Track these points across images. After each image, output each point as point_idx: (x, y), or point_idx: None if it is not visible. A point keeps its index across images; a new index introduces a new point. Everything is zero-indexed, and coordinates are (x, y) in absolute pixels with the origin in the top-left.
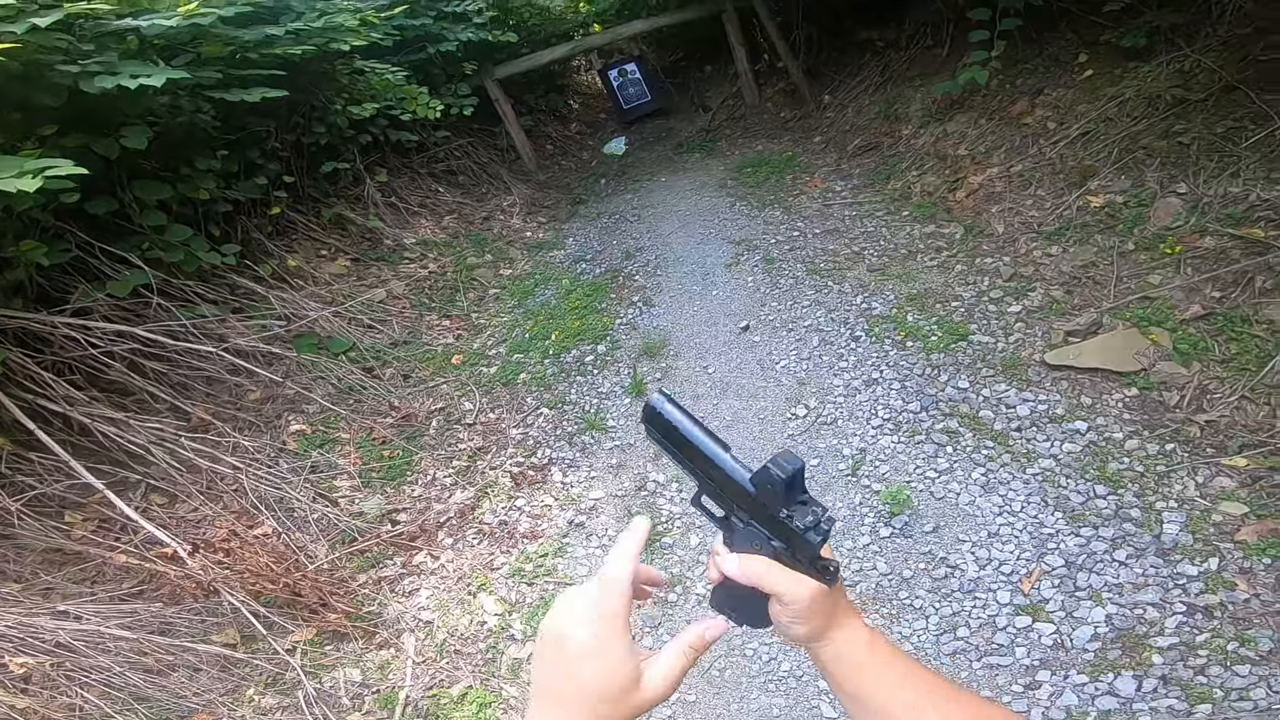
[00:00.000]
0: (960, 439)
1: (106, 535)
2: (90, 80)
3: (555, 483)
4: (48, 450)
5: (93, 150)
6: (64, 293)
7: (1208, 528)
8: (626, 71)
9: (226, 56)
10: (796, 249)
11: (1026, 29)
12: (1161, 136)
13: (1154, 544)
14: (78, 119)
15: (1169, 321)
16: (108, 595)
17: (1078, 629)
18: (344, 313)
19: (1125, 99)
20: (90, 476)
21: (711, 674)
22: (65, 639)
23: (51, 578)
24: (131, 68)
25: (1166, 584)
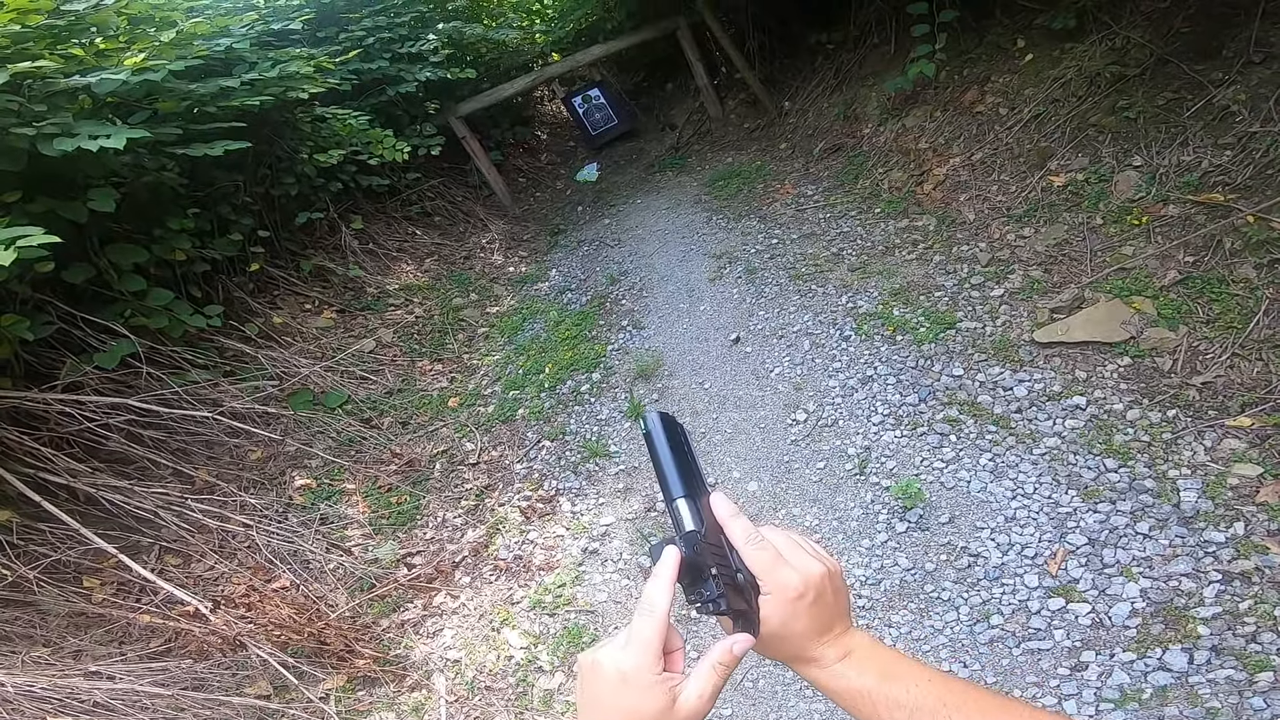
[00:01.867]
0: (962, 426)
1: (127, 597)
2: (49, 143)
3: (565, 512)
4: (57, 520)
5: (60, 215)
6: (52, 368)
7: (1225, 492)
8: (590, 97)
9: (184, 112)
10: (777, 256)
11: (965, 19)
12: (1109, 113)
13: (1174, 513)
14: (40, 183)
15: (1149, 289)
16: (136, 655)
17: (1114, 606)
18: (335, 366)
19: (1067, 79)
20: (102, 542)
21: (745, 686)
22: (102, 699)
23: (79, 640)
24: (89, 128)
25: (1196, 553)
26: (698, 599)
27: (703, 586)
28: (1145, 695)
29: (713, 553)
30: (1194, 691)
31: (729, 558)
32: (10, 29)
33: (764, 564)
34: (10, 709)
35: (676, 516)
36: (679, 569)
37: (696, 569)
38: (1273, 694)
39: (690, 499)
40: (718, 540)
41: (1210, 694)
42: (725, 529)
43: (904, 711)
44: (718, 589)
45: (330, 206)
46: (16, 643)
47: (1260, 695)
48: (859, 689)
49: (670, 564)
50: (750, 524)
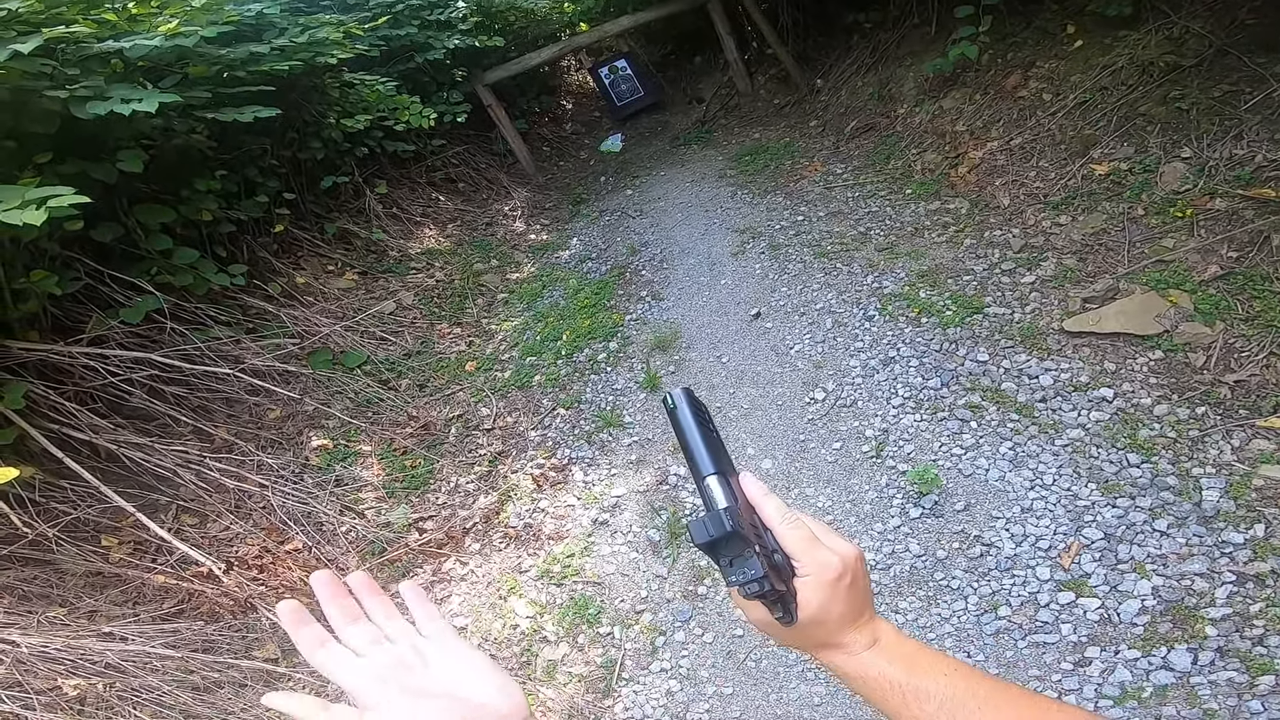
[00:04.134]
0: (984, 413)
1: (143, 557)
2: (81, 105)
3: (577, 482)
4: (78, 477)
5: (90, 176)
6: (78, 322)
7: (1249, 493)
8: (617, 68)
9: (214, 76)
10: (802, 233)
11: (1012, 2)
12: (1160, 103)
13: (1195, 512)
14: (72, 145)
15: (1187, 283)
16: (149, 616)
17: (1124, 603)
18: (355, 327)
19: (1118, 67)
20: (121, 500)
21: (747, 665)
22: (114, 660)
23: (95, 601)
24: (121, 91)
25: (1212, 553)
26: (740, 579)
27: (745, 565)
28: (1145, 694)
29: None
30: (1194, 692)
31: (764, 537)
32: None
33: (801, 544)
34: (24, 670)
35: (708, 494)
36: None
37: (737, 546)
38: (1272, 698)
39: (721, 476)
40: (751, 520)
41: (1210, 695)
42: (757, 508)
43: (934, 703)
44: (762, 568)
45: (356, 171)
46: (34, 602)
47: (1259, 699)
48: (888, 679)
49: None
50: (783, 503)
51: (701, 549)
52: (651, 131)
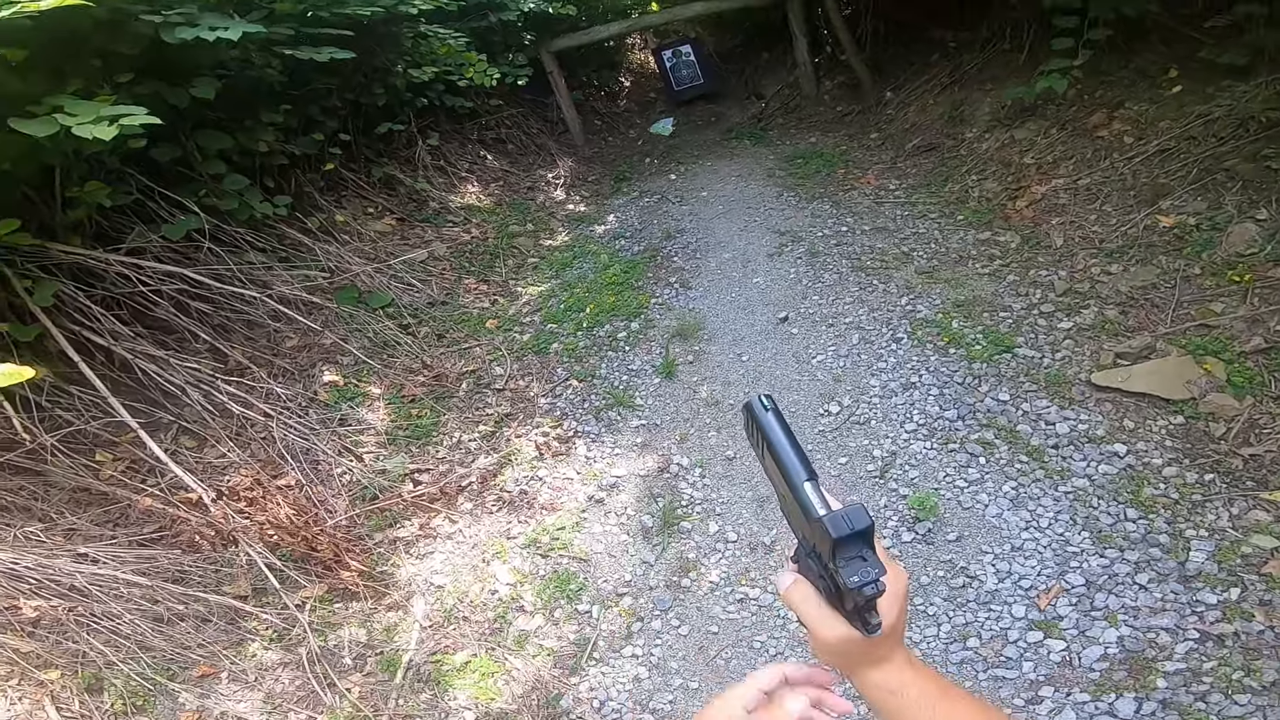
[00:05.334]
0: (995, 451)
1: (134, 476)
2: (171, 30)
3: (579, 456)
4: (87, 384)
5: (163, 99)
6: (120, 233)
7: (1235, 559)
8: (681, 53)
9: (299, 14)
10: (843, 244)
11: (1115, 39)
12: (1249, 159)
13: (1177, 570)
14: (153, 68)
15: (1226, 352)
16: (128, 539)
17: (1088, 648)
18: (385, 270)
19: (1214, 118)
20: (125, 414)
21: (717, 663)
22: (81, 583)
23: (76, 518)
24: (210, 19)
25: (1184, 610)
26: (860, 579)
27: (866, 566)
28: None
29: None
30: None
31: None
32: None
33: (884, 556)
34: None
35: (805, 500)
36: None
37: (858, 546)
38: None
39: (815, 482)
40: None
41: None
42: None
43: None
44: (882, 568)
45: (412, 120)
46: (14, 515)
47: None
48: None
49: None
50: None
51: (835, 543)
52: (704, 121)
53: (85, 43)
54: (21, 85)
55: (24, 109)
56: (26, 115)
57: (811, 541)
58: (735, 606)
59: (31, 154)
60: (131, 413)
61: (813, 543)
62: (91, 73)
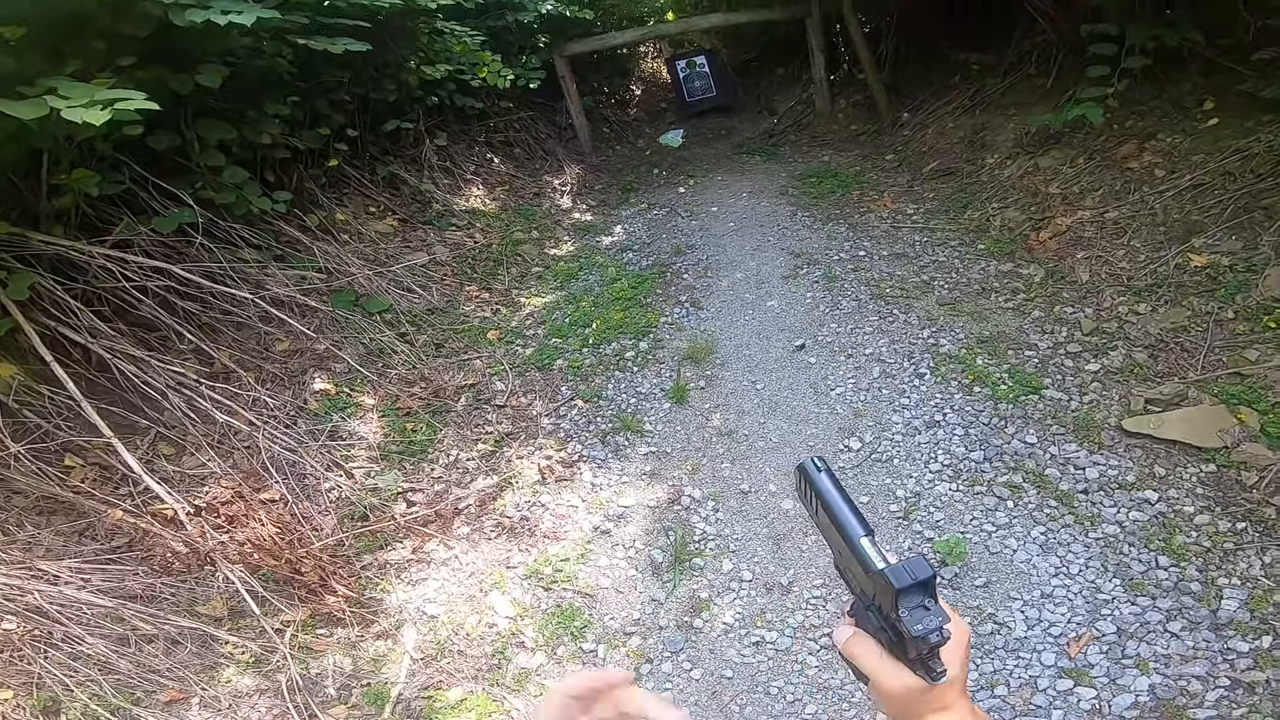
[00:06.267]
0: (1023, 495)
1: (103, 486)
2: (181, 13)
3: (584, 482)
4: (59, 385)
5: (166, 85)
6: (108, 223)
7: (1268, 607)
8: (695, 64)
9: (315, 3)
10: (861, 269)
11: (1152, 68)
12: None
13: (1209, 618)
14: (158, 52)
15: (1261, 403)
16: (94, 553)
17: (1118, 696)
18: (385, 273)
19: (1252, 153)
20: (98, 418)
21: (731, 709)
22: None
23: (38, 530)
24: (223, 3)
25: (1215, 658)
26: (924, 628)
27: (929, 614)
28: None
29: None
30: None
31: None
32: None
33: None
34: None
35: (864, 555)
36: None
37: (918, 595)
38: None
39: (871, 538)
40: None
41: None
42: None
43: None
44: (946, 615)
45: (421, 119)
46: None
47: None
48: None
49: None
50: None
51: (898, 593)
52: (715, 134)
53: (89, 22)
54: (16, 64)
55: (14, 90)
56: (16, 96)
57: (871, 595)
58: (750, 650)
59: (18, 137)
60: (106, 416)
61: (872, 596)
62: (93, 54)
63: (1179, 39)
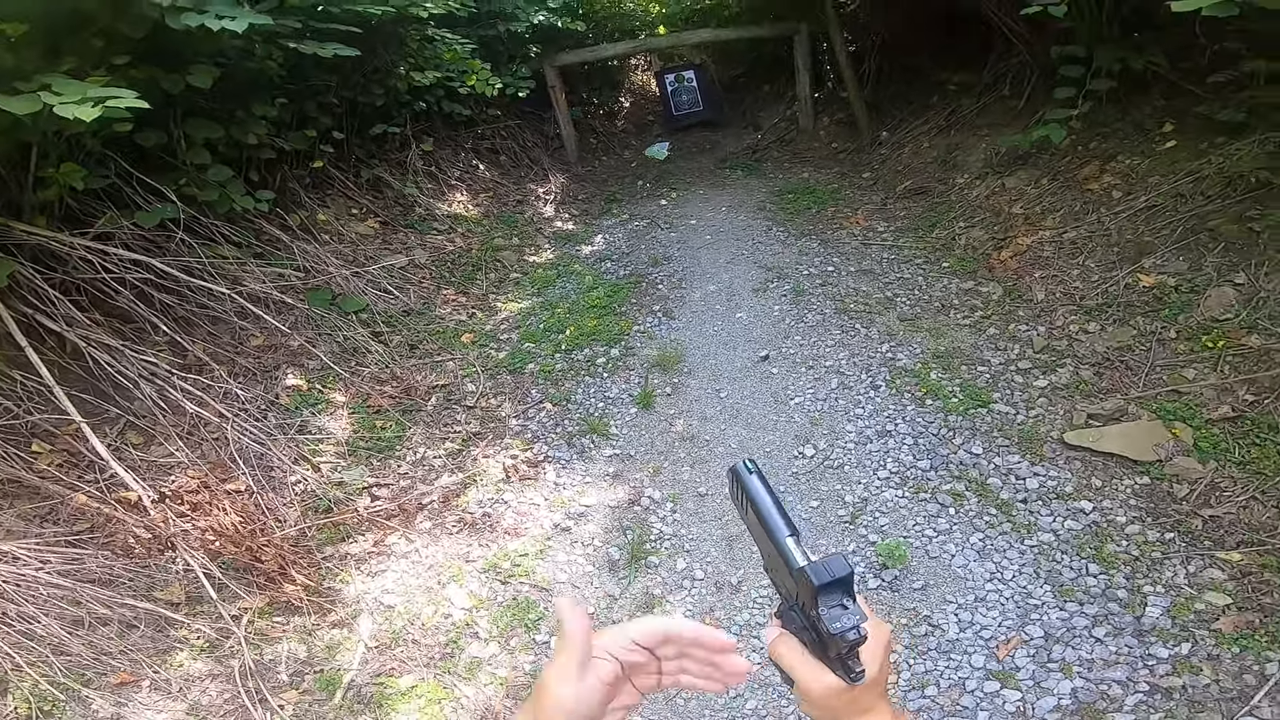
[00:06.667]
0: (965, 502)
1: (70, 471)
2: (177, 17)
3: (548, 481)
4: (32, 370)
5: (158, 84)
6: (91, 216)
7: (1188, 614)
8: (683, 78)
9: (309, 8)
10: (829, 285)
11: (1116, 90)
12: (1234, 220)
13: (1133, 625)
14: (152, 52)
15: (1195, 419)
16: (56, 537)
17: (1042, 699)
18: (363, 273)
19: (1203, 175)
20: (69, 404)
21: (676, 703)
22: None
23: (1, 512)
24: (218, 7)
25: (1136, 664)
26: (842, 626)
27: (847, 613)
28: None
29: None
30: None
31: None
32: None
33: (863, 608)
34: None
35: (788, 553)
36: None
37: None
38: None
39: (796, 538)
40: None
41: None
42: None
43: None
44: (863, 614)
45: (408, 123)
46: None
47: None
48: None
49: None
50: None
51: (817, 590)
52: (699, 148)
53: (89, 20)
54: (14, 60)
55: (10, 85)
56: (11, 91)
57: (795, 594)
58: None
59: (9, 131)
60: (77, 404)
61: (796, 595)
62: (89, 52)
63: (1144, 62)
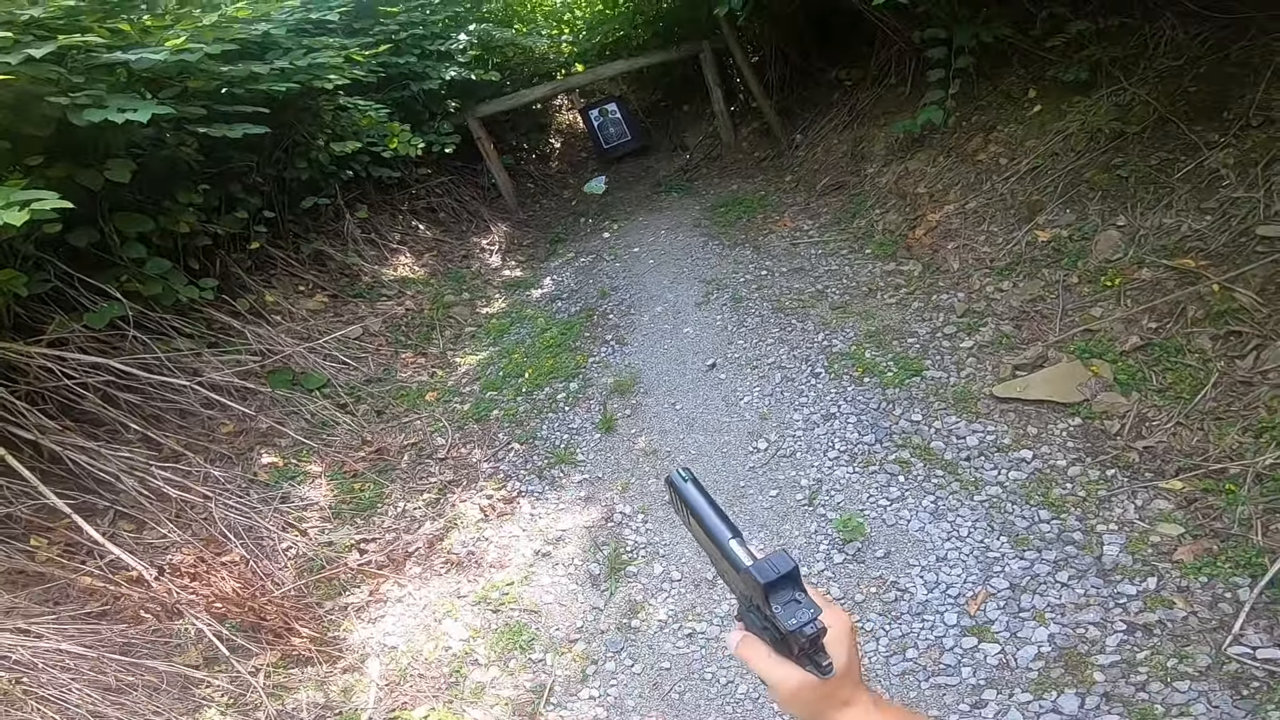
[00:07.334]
0: (912, 469)
1: (72, 558)
2: (79, 113)
3: (524, 514)
4: (16, 475)
5: (77, 181)
6: (41, 322)
7: (1146, 549)
8: (607, 111)
9: (212, 91)
10: (764, 288)
11: (981, 65)
12: (1103, 170)
13: (1095, 565)
14: (64, 150)
15: (1110, 353)
16: (70, 615)
17: (1022, 649)
18: (319, 349)
19: (1070, 133)
20: (58, 500)
21: (671, 696)
22: (24, 656)
23: (14, 597)
24: (119, 101)
25: (1107, 603)
26: (798, 621)
27: (800, 609)
28: None
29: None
30: None
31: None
32: (67, 2)
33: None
34: None
35: (732, 555)
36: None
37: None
38: None
39: (739, 539)
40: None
41: None
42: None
43: None
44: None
45: (339, 193)
46: None
47: None
48: None
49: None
50: None
51: (766, 588)
52: (635, 176)
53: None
54: None
55: None
56: None
57: (748, 594)
58: (684, 642)
59: None
60: (64, 500)
61: (749, 595)
62: (1, 155)
63: (993, 35)
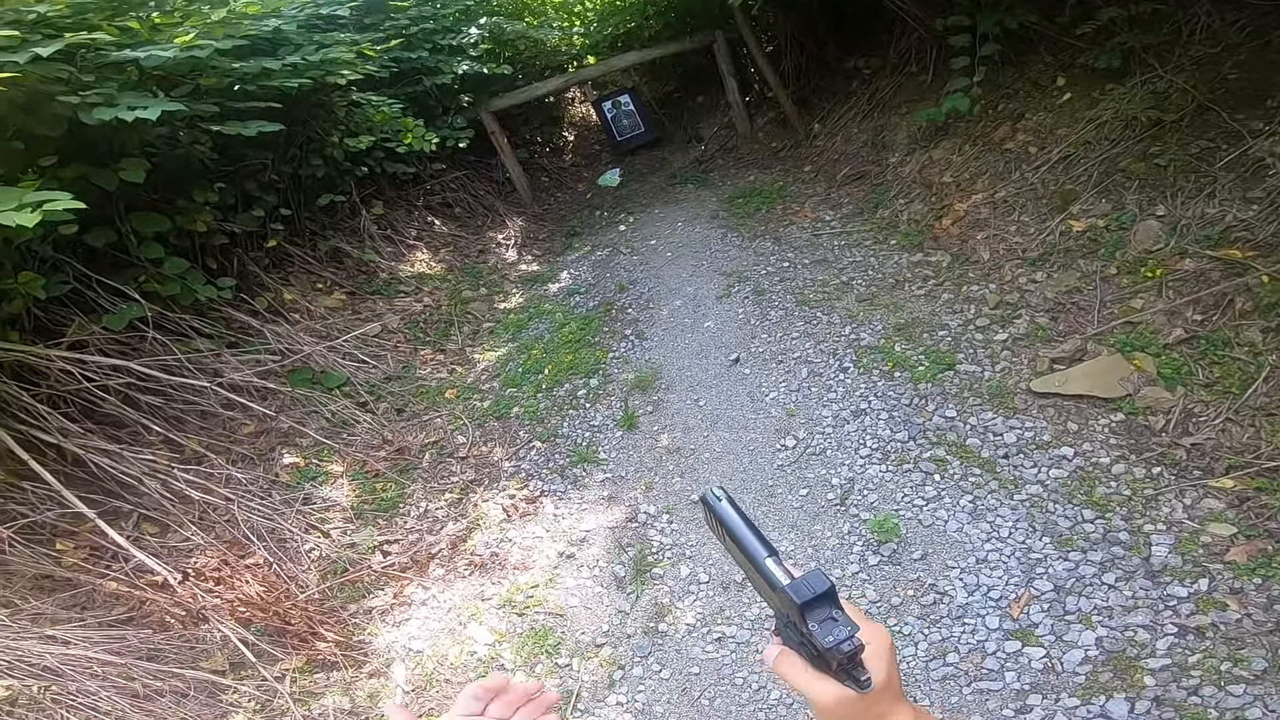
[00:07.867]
0: (947, 467)
1: (97, 563)
2: (89, 111)
3: (547, 514)
4: (40, 479)
5: (91, 182)
6: (60, 325)
7: (1196, 549)
8: (620, 103)
9: (224, 88)
10: (786, 280)
11: (1006, 53)
12: (1139, 159)
13: (1143, 566)
14: (77, 150)
15: (1152, 346)
16: (96, 621)
17: (1068, 652)
18: (338, 347)
19: (1103, 121)
20: (82, 505)
21: (701, 703)
22: (52, 663)
23: (41, 603)
24: (129, 99)
25: (1157, 606)
26: (835, 639)
27: (837, 626)
28: None
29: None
30: None
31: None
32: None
33: (857, 615)
34: None
35: (768, 574)
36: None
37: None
38: None
39: (776, 558)
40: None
41: None
42: None
43: None
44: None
45: (354, 190)
46: None
47: None
48: None
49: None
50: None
51: (802, 608)
52: (649, 168)
53: (4, 126)
54: None
55: None
56: None
57: (785, 612)
58: (714, 646)
59: None
60: (88, 504)
61: (786, 612)
62: (13, 156)
63: (1017, 22)
